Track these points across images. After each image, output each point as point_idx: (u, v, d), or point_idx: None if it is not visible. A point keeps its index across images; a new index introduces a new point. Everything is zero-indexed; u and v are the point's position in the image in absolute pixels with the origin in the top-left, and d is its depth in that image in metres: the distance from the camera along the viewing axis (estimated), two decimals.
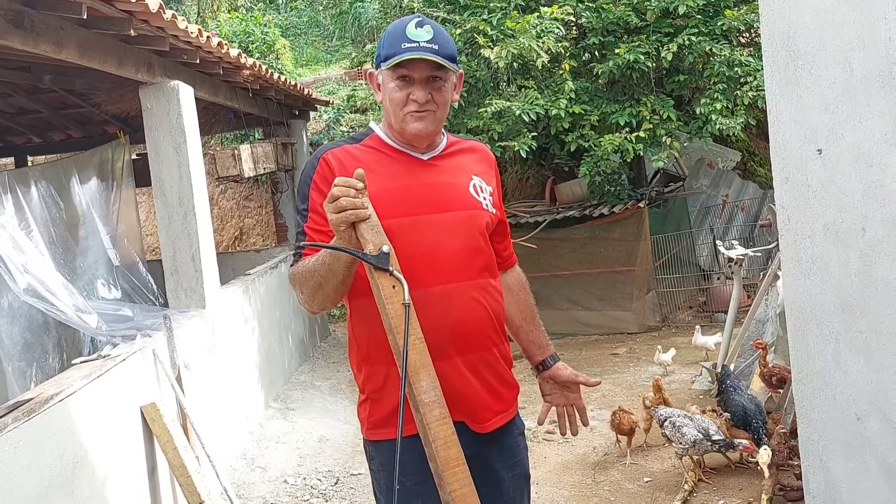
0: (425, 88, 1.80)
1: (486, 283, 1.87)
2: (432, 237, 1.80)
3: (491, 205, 1.92)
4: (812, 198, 2.50)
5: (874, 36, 2.23)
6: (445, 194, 1.85)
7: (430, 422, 1.53)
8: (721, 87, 6.21)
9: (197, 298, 4.48)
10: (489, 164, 2.01)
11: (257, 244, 9.88)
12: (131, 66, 4.22)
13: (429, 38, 1.77)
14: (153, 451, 3.59)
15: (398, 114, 1.82)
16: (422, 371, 1.56)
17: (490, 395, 1.86)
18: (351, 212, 1.58)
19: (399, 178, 1.83)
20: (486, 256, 1.88)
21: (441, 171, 1.88)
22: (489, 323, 1.86)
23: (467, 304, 1.81)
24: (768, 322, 5.17)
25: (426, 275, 1.75)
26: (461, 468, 1.54)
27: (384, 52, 1.81)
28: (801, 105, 2.46)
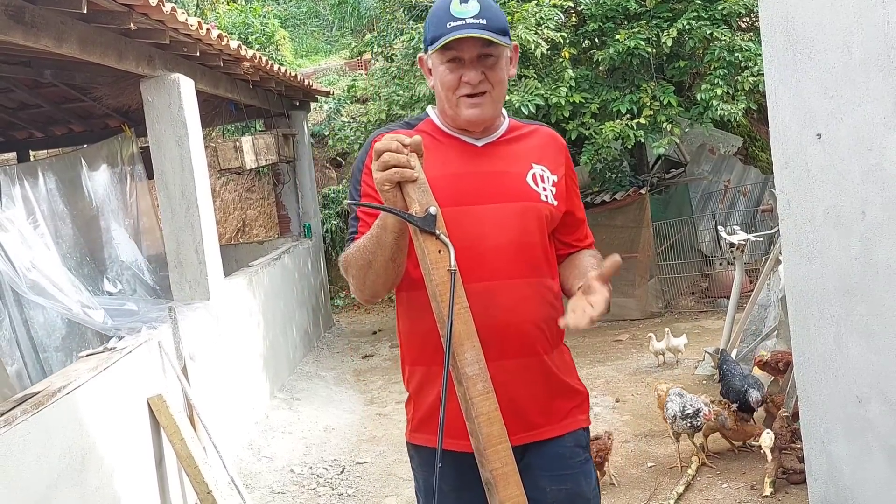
0: (477, 68, 1.66)
1: (537, 282, 1.70)
2: (478, 230, 1.66)
3: (553, 196, 1.74)
4: (812, 182, 2.50)
5: (872, 19, 2.23)
6: (498, 184, 1.70)
7: (474, 396, 1.45)
8: (721, 72, 6.20)
9: (201, 290, 4.50)
10: (556, 151, 1.82)
11: (260, 236, 9.90)
12: (132, 60, 4.23)
13: (475, 13, 1.63)
14: (160, 442, 3.62)
15: (451, 98, 1.69)
16: (466, 342, 1.47)
17: (537, 405, 1.69)
18: (396, 170, 1.47)
19: (449, 165, 1.70)
20: (539, 253, 1.71)
21: (497, 158, 1.74)
22: (537, 326, 1.68)
23: (513, 305, 1.66)
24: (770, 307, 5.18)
25: (469, 270, 1.61)
26: (503, 445, 1.46)
27: (430, 35, 1.68)
28: (800, 90, 2.47)
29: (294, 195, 7.90)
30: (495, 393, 1.55)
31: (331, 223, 9.54)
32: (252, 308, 5.54)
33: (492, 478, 1.45)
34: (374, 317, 8.77)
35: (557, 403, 1.72)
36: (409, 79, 6.92)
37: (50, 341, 4.38)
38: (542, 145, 1.80)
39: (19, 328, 4.23)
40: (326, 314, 8.07)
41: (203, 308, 4.41)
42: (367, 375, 6.35)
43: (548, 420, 1.71)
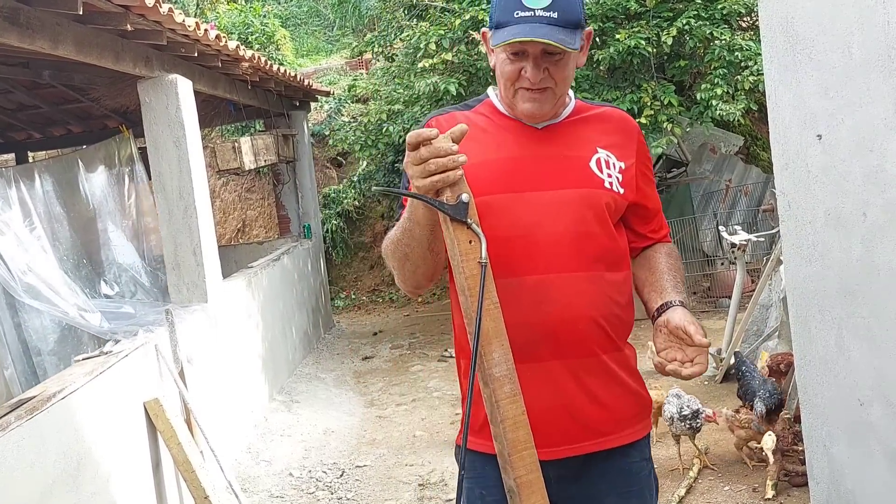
0: (540, 65, 1.52)
1: (597, 276, 1.56)
2: (532, 218, 1.54)
3: (620, 183, 1.60)
4: (813, 183, 2.48)
5: (873, 20, 2.20)
6: (557, 169, 1.57)
7: (500, 398, 1.37)
8: (721, 71, 6.17)
9: (199, 293, 4.48)
10: (627, 136, 1.68)
11: (260, 236, 9.89)
12: (129, 61, 4.21)
13: (547, 4, 1.48)
14: (157, 446, 3.60)
15: (508, 88, 1.57)
16: (494, 341, 1.38)
17: (599, 409, 1.56)
18: (439, 177, 1.35)
19: (504, 148, 1.59)
20: (600, 244, 1.57)
21: (558, 141, 1.61)
22: (595, 323, 1.55)
23: (569, 300, 1.53)
24: (772, 307, 5.16)
25: (522, 261, 1.52)
26: (529, 452, 1.39)
27: (496, 17, 1.54)
28: (800, 90, 2.44)
29: (294, 195, 7.88)
30: (550, 395, 1.51)
31: (331, 223, 9.52)
32: (251, 310, 5.52)
33: (515, 486, 1.38)
34: (374, 318, 8.75)
35: (621, 409, 1.59)
36: (409, 77, 6.90)
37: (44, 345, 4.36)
38: (611, 129, 1.67)
39: (10, 332, 4.21)
40: (326, 315, 8.05)
41: (201, 310, 4.39)
42: (367, 377, 6.32)
43: (612, 427, 1.57)
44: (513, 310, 1.50)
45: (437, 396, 5.43)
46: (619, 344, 1.60)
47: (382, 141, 7.24)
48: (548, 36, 1.47)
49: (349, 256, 9.90)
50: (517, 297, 1.52)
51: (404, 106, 6.88)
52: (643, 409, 1.66)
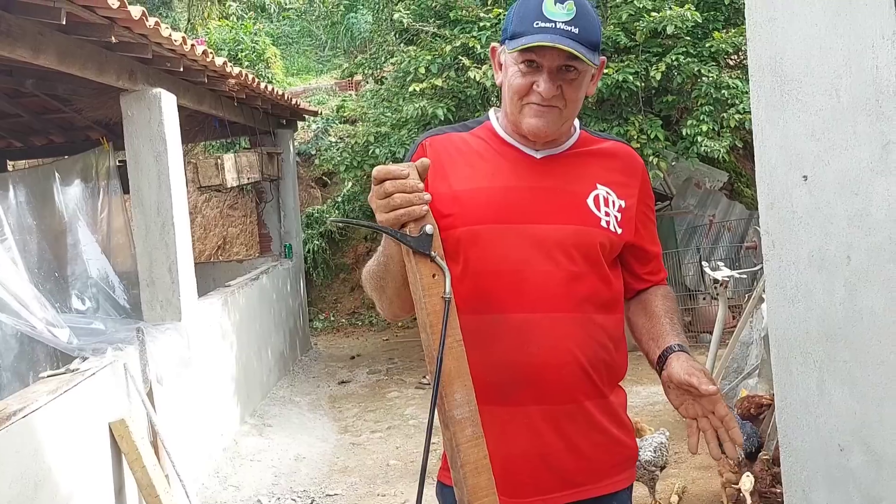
0: (555, 80, 1.45)
1: (586, 318, 1.49)
2: (523, 253, 1.47)
3: (618, 223, 1.53)
4: (797, 224, 2.46)
5: (861, 64, 2.20)
6: (552, 202, 1.50)
7: (461, 442, 1.31)
8: (708, 109, 6.21)
9: (173, 311, 4.39)
10: (630, 174, 1.60)
11: (240, 254, 9.78)
12: (112, 73, 4.15)
13: (569, 18, 1.43)
14: (121, 469, 3.50)
15: (515, 103, 1.49)
16: (457, 381, 1.31)
17: (577, 459, 1.49)
18: (403, 212, 1.30)
19: (499, 176, 1.52)
20: (591, 285, 1.50)
21: (556, 173, 1.54)
22: (581, 369, 1.47)
23: (554, 343, 1.46)
24: (752, 345, 5.14)
25: (508, 297, 1.45)
26: (490, 499, 1.33)
27: (512, 28, 1.47)
28: (787, 131, 2.43)
29: (277, 214, 7.82)
30: (527, 442, 1.44)
31: (313, 243, 9.45)
32: (226, 330, 5.42)
33: None
34: (353, 341, 8.65)
35: (601, 458, 1.50)
36: (397, 101, 6.89)
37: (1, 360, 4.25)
38: (615, 165, 1.59)
39: None
40: (304, 337, 7.94)
41: (174, 329, 4.30)
42: (342, 402, 6.22)
43: (589, 478, 1.50)
44: (495, 348, 1.44)
45: (413, 424, 5.33)
46: (604, 391, 1.53)
47: (368, 163, 7.21)
48: (572, 46, 1.41)
49: (330, 278, 9.81)
50: (500, 335, 1.45)
51: (392, 129, 6.87)
52: (626, 460, 1.58)
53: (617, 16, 6.46)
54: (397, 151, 6.62)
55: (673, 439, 4.49)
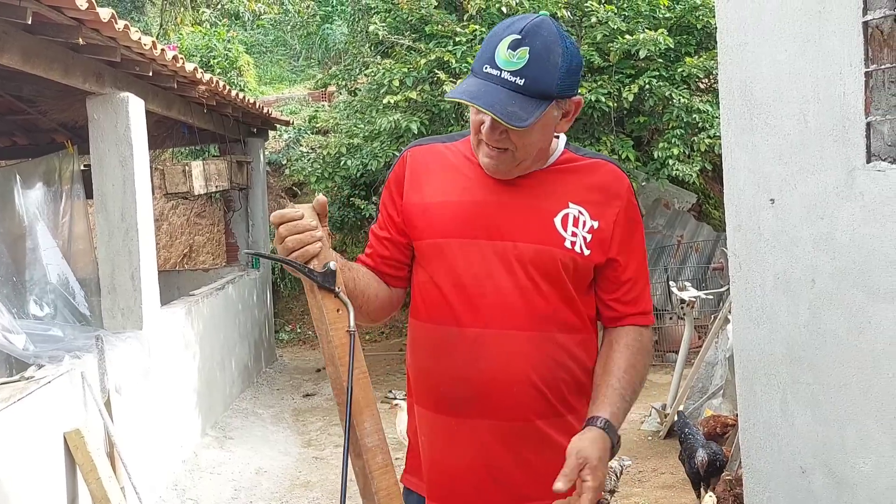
0: (497, 126, 1.42)
1: (545, 337, 1.47)
2: (484, 268, 1.47)
3: (586, 244, 1.49)
4: (764, 247, 2.48)
5: (829, 91, 2.23)
6: (518, 220, 1.48)
7: (373, 470, 1.35)
8: (679, 132, 6.29)
9: (134, 319, 4.30)
10: (610, 193, 1.55)
11: (207, 263, 9.64)
12: (79, 76, 4.07)
13: (516, 68, 1.38)
14: (75, 481, 3.40)
15: (474, 137, 1.49)
16: (366, 410, 1.36)
17: (526, 472, 1.48)
18: (297, 253, 1.34)
19: (470, 191, 1.51)
20: (552, 304, 1.48)
21: (527, 190, 1.51)
22: (533, 387, 1.46)
23: (506, 360, 1.45)
24: (717, 365, 5.18)
25: (465, 311, 1.46)
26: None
27: (475, 62, 1.45)
28: (755, 154, 2.45)
29: (245, 223, 7.73)
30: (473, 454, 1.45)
31: None
32: (189, 339, 5.33)
33: None
34: (319, 354, 8.55)
35: (554, 473, 1.43)
36: (371, 113, 6.88)
37: None
38: (593, 183, 1.54)
39: None
40: (269, 348, 7.84)
41: (134, 338, 4.20)
42: (306, 416, 6.13)
43: (543, 492, 1.44)
44: (449, 360, 1.46)
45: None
46: (559, 409, 1.51)
47: (339, 174, 7.16)
48: (495, 106, 1.36)
49: (297, 289, 9.70)
50: (454, 348, 1.47)
51: (364, 141, 6.84)
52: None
53: (591, 36, 6.52)
54: (369, 163, 6.60)
55: (637, 458, 4.50)
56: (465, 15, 6.66)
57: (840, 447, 2.34)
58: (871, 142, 2.17)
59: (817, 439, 2.41)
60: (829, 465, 2.38)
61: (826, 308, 2.33)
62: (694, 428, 4.05)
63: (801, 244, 2.37)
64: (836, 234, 2.27)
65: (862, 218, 2.20)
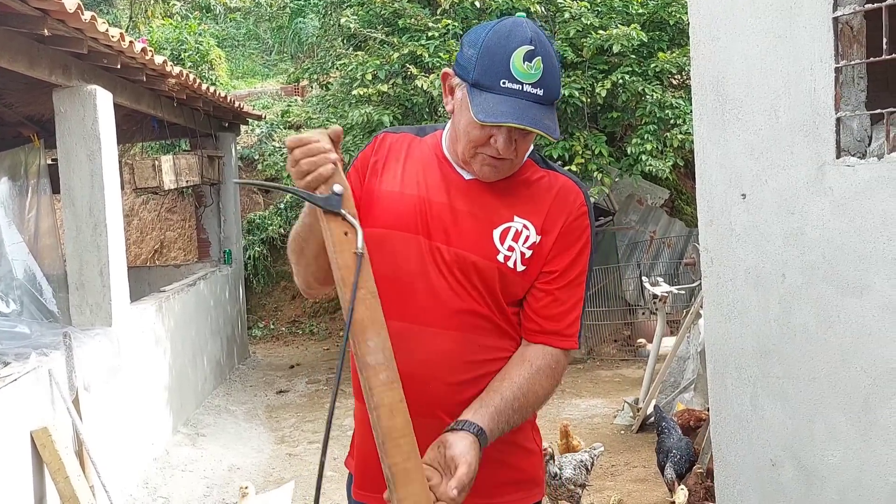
0: (512, 140, 1.43)
1: (469, 339, 1.48)
2: (420, 266, 1.48)
3: (523, 260, 1.48)
4: (735, 241, 2.50)
5: (800, 86, 2.25)
6: (461, 226, 1.49)
7: (375, 385, 1.31)
8: (651, 127, 6.33)
9: (103, 315, 4.23)
10: (560, 210, 1.52)
11: (178, 259, 9.53)
12: (45, 68, 3.99)
13: (536, 79, 1.39)
14: (42, 479, 3.33)
15: (469, 149, 1.47)
16: (370, 329, 1.32)
17: None
18: (311, 176, 1.32)
19: (424, 187, 1.52)
20: (482, 310, 1.48)
21: (476, 198, 1.51)
22: (448, 386, 1.47)
23: (425, 357, 1.46)
24: (689, 360, 5.23)
25: (394, 305, 1.45)
26: (406, 439, 1.31)
27: (475, 74, 1.41)
28: (727, 150, 2.47)
29: (216, 219, 7.64)
30: None
31: (254, 249, 9.27)
32: (159, 336, 5.25)
33: (391, 473, 1.30)
34: (292, 350, 8.51)
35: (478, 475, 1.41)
36: (343, 107, 6.83)
37: None
38: (544, 198, 1.52)
39: None
40: (242, 345, 7.77)
41: (103, 335, 4.14)
42: (279, 412, 6.09)
43: None
44: None
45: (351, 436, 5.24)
46: None
47: None
48: (538, 123, 1.39)
49: (270, 285, 9.64)
50: None
51: None
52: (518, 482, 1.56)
53: (565, 31, 6.54)
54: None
55: (609, 452, 4.53)
56: (439, 9, 6.63)
57: (809, 440, 2.37)
58: (840, 137, 2.20)
59: (787, 432, 2.44)
60: (798, 457, 2.41)
61: (796, 302, 2.36)
62: (671, 422, 4.09)
63: (772, 239, 2.39)
64: (806, 228, 2.29)
65: (832, 213, 2.22)
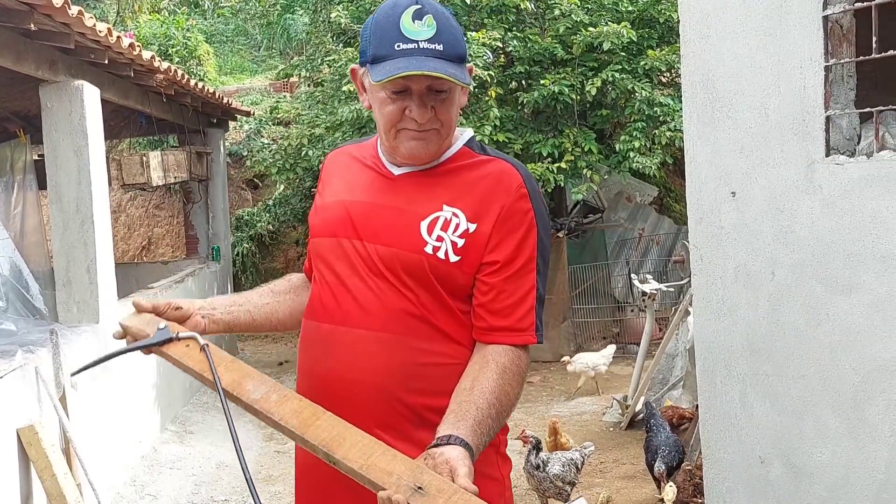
0: (426, 103, 1.39)
1: (401, 341, 1.40)
2: (348, 266, 1.46)
3: (454, 250, 1.40)
4: (725, 239, 2.51)
5: (790, 84, 2.26)
6: (386, 222, 1.45)
7: (270, 409, 1.29)
8: (640, 125, 6.34)
9: (90, 312, 4.19)
10: (494, 195, 1.44)
11: (166, 255, 9.47)
12: (31, 63, 3.94)
13: (430, 35, 1.35)
14: (29, 477, 3.31)
15: (389, 132, 1.43)
16: (243, 382, 1.33)
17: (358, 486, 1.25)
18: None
19: (356, 191, 1.51)
20: (415, 309, 1.41)
21: (403, 192, 1.47)
22: (378, 390, 1.38)
23: (352, 359, 1.41)
24: (678, 357, 5.25)
25: (325, 308, 1.47)
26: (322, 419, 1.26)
27: (372, 51, 1.39)
28: (717, 147, 2.47)
29: (205, 215, 7.60)
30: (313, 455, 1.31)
31: (242, 246, 9.23)
32: None
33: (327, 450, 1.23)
34: (281, 347, 8.48)
35: None
36: (333, 103, 6.81)
37: None
38: (477, 184, 1.45)
39: None
40: (230, 342, 7.74)
41: (91, 332, 4.10)
42: None
43: None
44: (305, 356, 1.50)
45: None
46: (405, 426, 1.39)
47: (301, 165, 7.08)
48: (438, 69, 1.34)
49: (259, 282, 9.57)
50: (312, 343, 1.49)
51: (326, 131, 6.77)
52: None
53: (555, 28, 6.54)
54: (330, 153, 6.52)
55: (598, 449, 4.54)
56: None
57: (798, 437, 2.38)
58: (830, 135, 2.21)
59: (776, 429, 2.45)
60: (787, 454, 2.42)
61: (785, 300, 2.37)
62: (661, 419, 4.09)
63: (762, 237, 2.40)
64: (795, 227, 2.30)
65: (821, 211, 2.23)
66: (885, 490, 2.17)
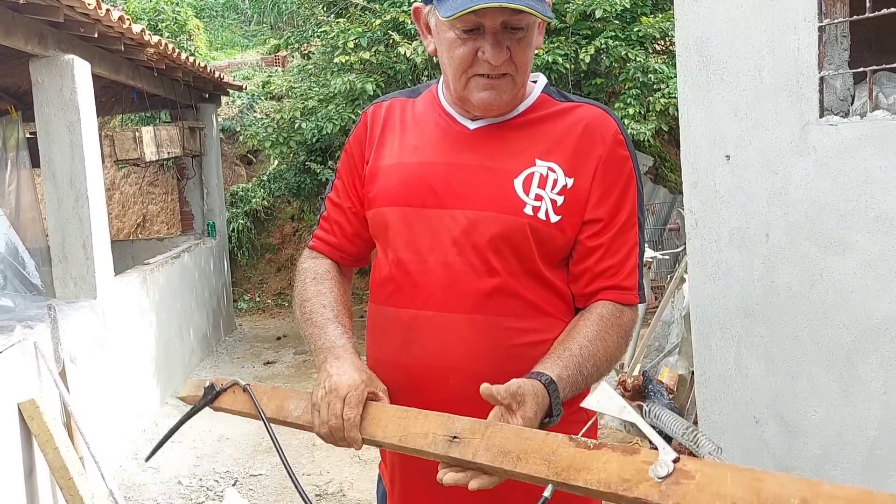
0: (501, 43, 1.22)
1: (490, 321, 1.26)
2: (426, 241, 1.28)
3: (553, 209, 1.26)
4: (719, 203, 2.52)
5: (784, 46, 2.26)
6: (471, 183, 1.27)
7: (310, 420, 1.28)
8: (635, 92, 6.32)
9: (87, 288, 4.20)
10: (589, 145, 1.29)
11: (161, 232, 9.46)
12: (20, 37, 3.90)
13: None
14: (31, 451, 3.33)
15: (459, 77, 1.27)
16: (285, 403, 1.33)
17: None
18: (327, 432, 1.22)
19: (422, 150, 1.33)
20: (508, 284, 1.26)
21: (486, 147, 1.30)
22: (471, 378, 1.20)
23: (442, 346, 1.26)
24: (673, 324, 5.28)
25: (403, 290, 1.29)
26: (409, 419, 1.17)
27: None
28: (711, 111, 2.48)
29: (199, 191, 7.57)
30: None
31: (238, 222, 9.22)
32: (145, 308, 5.24)
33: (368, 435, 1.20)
34: (279, 322, 8.50)
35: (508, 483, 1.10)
36: (325, 75, 6.76)
37: None
38: (569, 134, 1.30)
39: None
40: (228, 317, 7.76)
41: (88, 307, 4.11)
42: (268, 383, 6.10)
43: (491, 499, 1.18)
44: (384, 346, 1.34)
45: None
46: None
47: (294, 139, 7.05)
48: (518, 4, 1.16)
49: (255, 258, 9.60)
50: (390, 331, 1.32)
51: (319, 103, 6.73)
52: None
53: None
54: (324, 126, 6.49)
55: None
56: None
57: (792, 397, 2.41)
58: (823, 96, 2.21)
59: (770, 390, 2.48)
60: (781, 414, 2.46)
61: (779, 262, 2.38)
62: (658, 386, 4.13)
63: (756, 200, 2.41)
64: (789, 188, 2.31)
65: (815, 172, 2.24)
66: (877, 447, 2.21)
